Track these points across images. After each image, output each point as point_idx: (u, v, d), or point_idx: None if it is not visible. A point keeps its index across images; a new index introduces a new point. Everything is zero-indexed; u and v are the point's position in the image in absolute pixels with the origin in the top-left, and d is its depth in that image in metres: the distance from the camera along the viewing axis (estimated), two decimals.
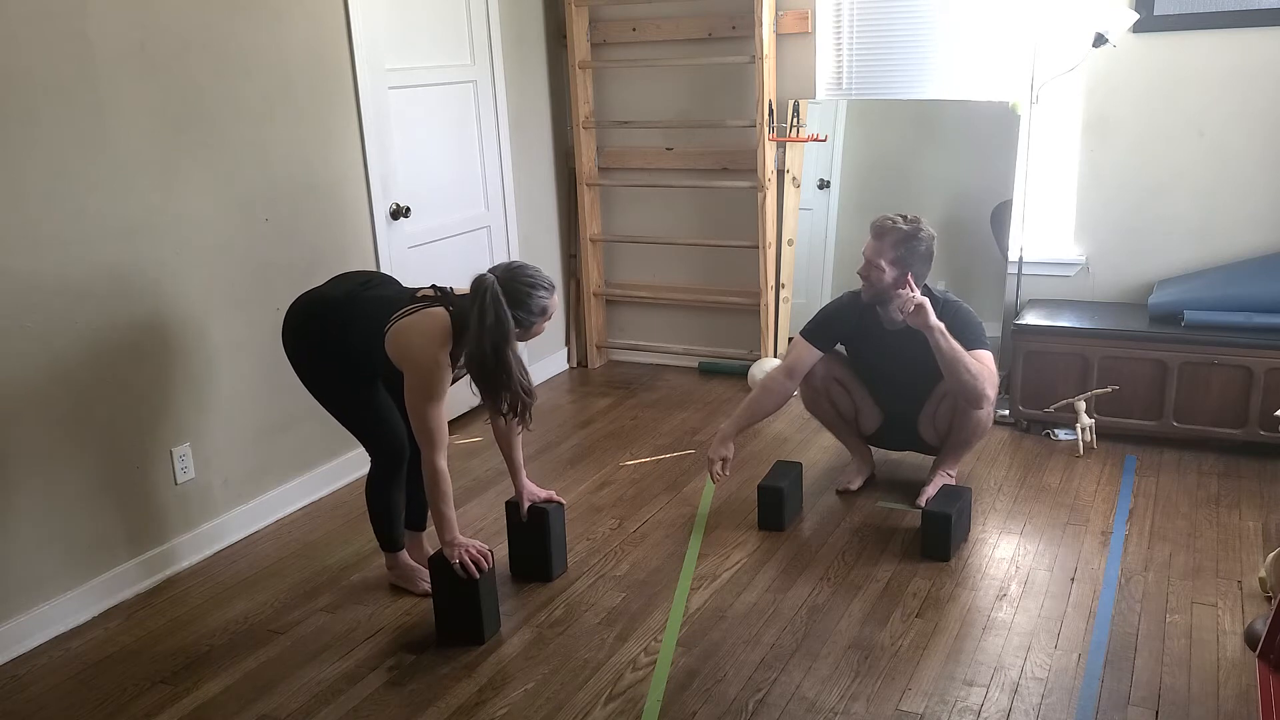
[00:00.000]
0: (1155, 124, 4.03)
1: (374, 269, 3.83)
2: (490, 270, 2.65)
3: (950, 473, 3.50)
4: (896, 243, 3.21)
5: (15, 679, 2.72)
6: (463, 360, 2.65)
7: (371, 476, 2.98)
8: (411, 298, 2.72)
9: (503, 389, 2.64)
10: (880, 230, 3.25)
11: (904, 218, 3.26)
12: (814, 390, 3.56)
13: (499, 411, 2.72)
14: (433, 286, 2.75)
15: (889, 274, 3.22)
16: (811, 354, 3.41)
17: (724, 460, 3.36)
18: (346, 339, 2.76)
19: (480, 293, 2.57)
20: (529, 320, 2.67)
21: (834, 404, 3.59)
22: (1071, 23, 3.98)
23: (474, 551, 2.69)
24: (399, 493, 2.99)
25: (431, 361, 2.60)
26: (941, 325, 3.10)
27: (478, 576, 2.68)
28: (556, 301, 2.74)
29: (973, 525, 3.31)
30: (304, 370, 2.87)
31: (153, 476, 3.18)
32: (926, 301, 3.11)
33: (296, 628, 2.91)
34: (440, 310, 2.65)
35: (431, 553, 2.80)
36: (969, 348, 3.16)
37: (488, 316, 2.56)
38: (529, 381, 2.69)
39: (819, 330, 3.42)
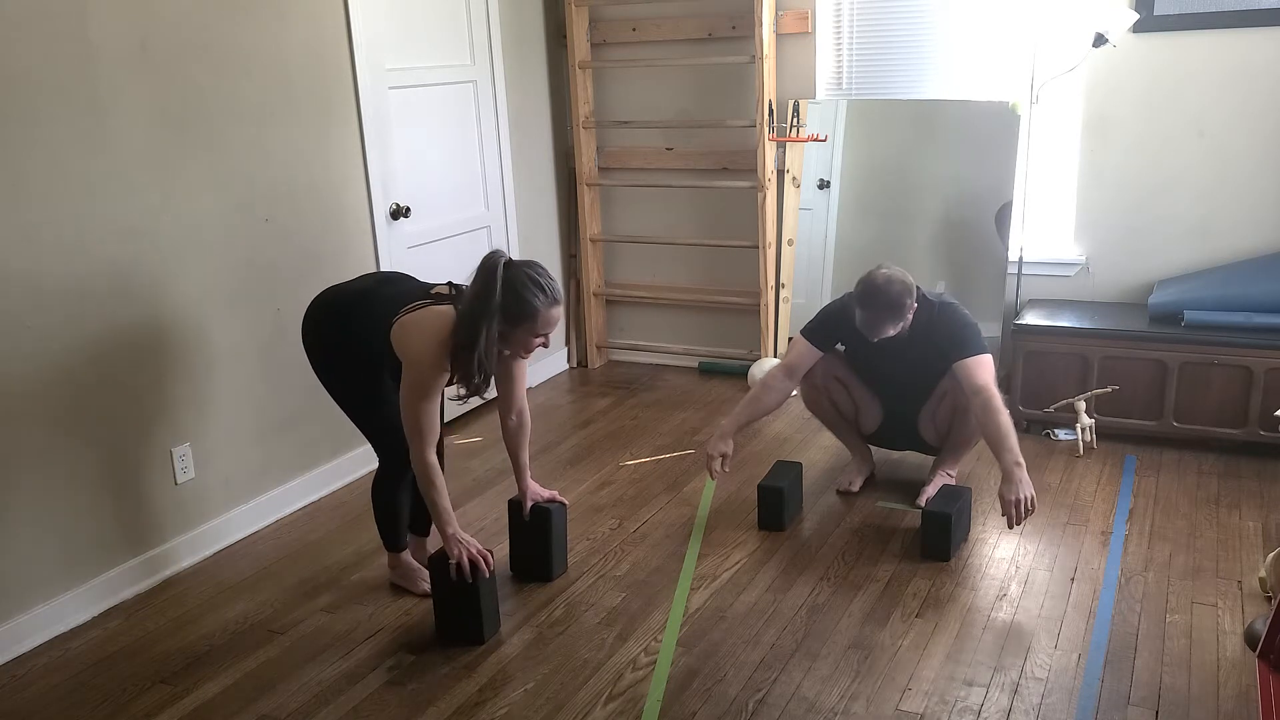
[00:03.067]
0: (1155, 124, 4.03)
1: (384, 270, 3.79)
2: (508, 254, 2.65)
3: (950, 473, 3.50)
4: (895, 321, 3.17)
5: (15, 679, 2.72)
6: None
7: (379, 475, 2.98)
8: (425, 294, 2.72)
9: (465, 360, 2.59)
10: (873, 324, 3.18)
11: (875, 290, 3.14)
12: (814, 389, 3.56)
13: (456, 380, 2.66)
14: (449, 284, 2.75)
15: (899, 330, 3.22)
16: (812, 353, 3.41)
17: (723, 456, 3.35)
18: (356, 332, 2.76)
19: (484, 264, 2.58)
20: (516, 314, 2.57)
21: (834, 403, 3.59)
22: (1071, 23, 3.98)
23: (474, 554, 2.69)
24: (405, 493, 2.99)
25: (430, 358, 2.59)
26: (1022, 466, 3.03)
27: (471, 580, 2.68)
28: (553, 316, 2.62)
29: (972, 525, 3.31)
30: (319, 365, 2.88)
31: (153, 476, 3.18)
32: (1026, 496, 2.99)
33: (296, 628, 2.91)
34: (448, 309, 2.63)
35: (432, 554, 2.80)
36: (969, 353, 3.15)
37: (478, 285, 2.56)
38: (490, 367, 2.62)
39: (819, 330, 3.42)
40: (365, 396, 2.87)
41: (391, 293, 2.77)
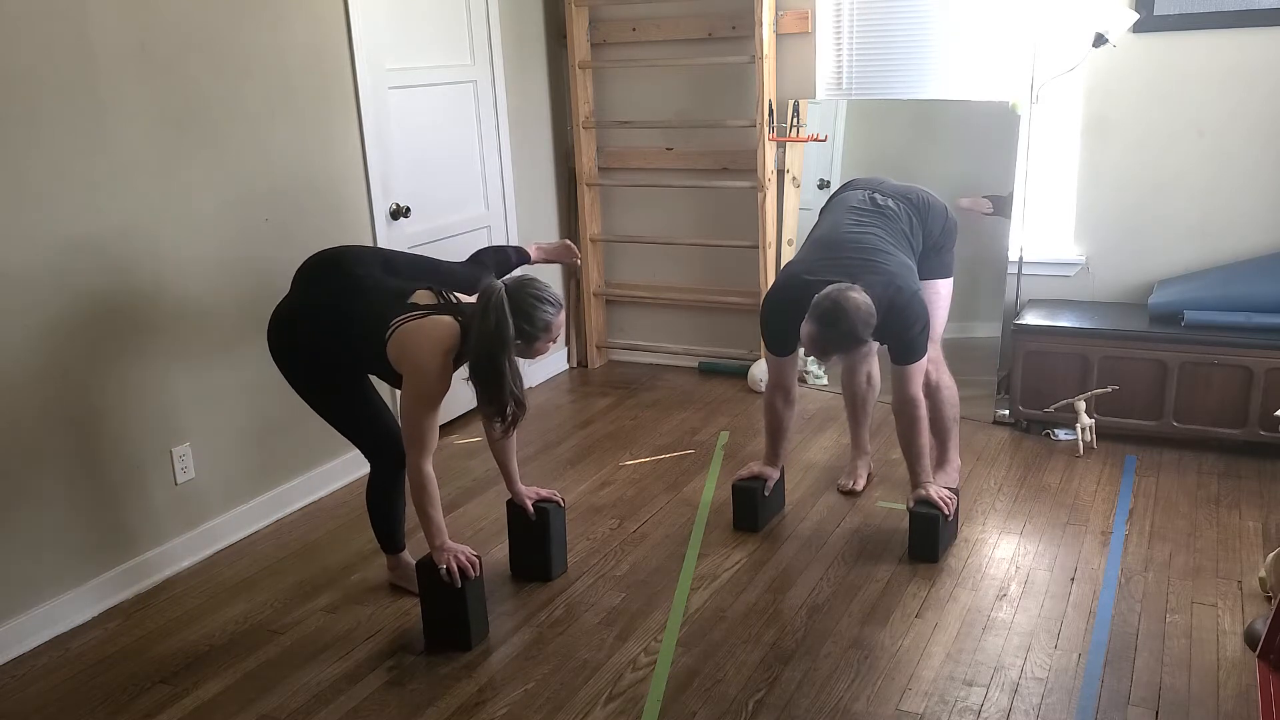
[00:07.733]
0: (1155, 124, 4.03)
1: (318, 260, 3.10)
2: (501, 280, 2.65)
3: (948, 470, 3.47)
4: (845, 350, 3.01)
5: (15, 679, 2.72)
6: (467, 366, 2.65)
7: (372, 480, 2.98)
8: (407, 300, 2.70)
9: (495, 396, 2.61)
10: (826, 345, 2.96)
11: (842, 313, 2.87)
12: (852, 369, 3.58)
13: (489, 416, 2.69)
14: (429, 289, 2.74)
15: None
16: (783, 363, 3.29)
17: (766, 481, 3.35)
18: (339, 346, 2.74)
19: (486, 298, 2.56)
20: (532, 334, 2.63)
21: (869, 377, 3.59)
22: (1071, 23, 3.98)
23: (462, 558, 2.69)
24: (399, 494, 2.99)
25: (434, 368, 2.59)
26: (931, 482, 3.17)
27: (459, 585, 2.67)
28: (561, 322, 2.70)
29: (972, 525, 3.31)
30: (295, 379, 2.85)
31: (153, 476, 3.18)
32: (941, 495, 3.12)
33: (296, 628, 2.91)
34: (448, 319, 2.64)
35: None
36: (912, 360, 3.08)
37: (489, 322, 2.55)
38: (522, 393, 2.65)
39: (773, 343, 3.27)
40: (355, 406, 2.88)
41: (366, 304, 2.72)
